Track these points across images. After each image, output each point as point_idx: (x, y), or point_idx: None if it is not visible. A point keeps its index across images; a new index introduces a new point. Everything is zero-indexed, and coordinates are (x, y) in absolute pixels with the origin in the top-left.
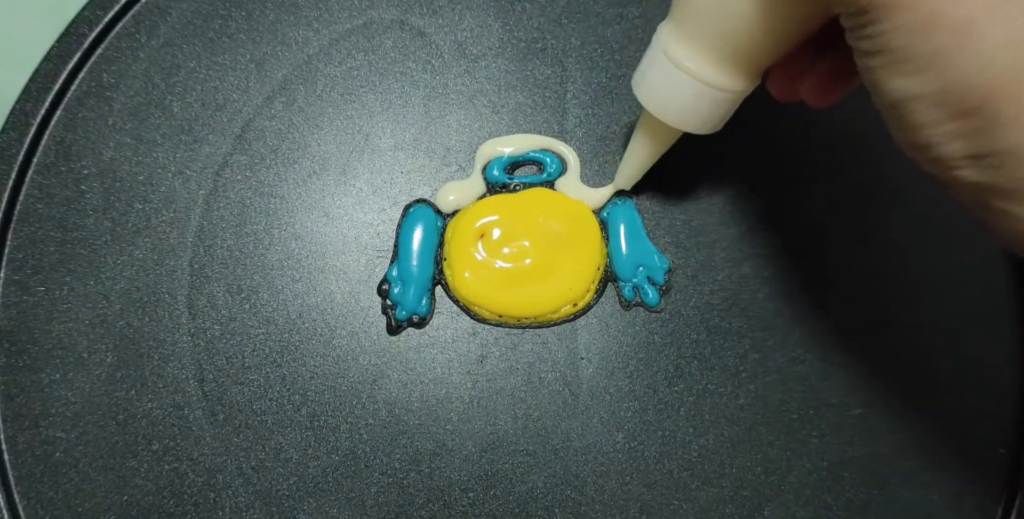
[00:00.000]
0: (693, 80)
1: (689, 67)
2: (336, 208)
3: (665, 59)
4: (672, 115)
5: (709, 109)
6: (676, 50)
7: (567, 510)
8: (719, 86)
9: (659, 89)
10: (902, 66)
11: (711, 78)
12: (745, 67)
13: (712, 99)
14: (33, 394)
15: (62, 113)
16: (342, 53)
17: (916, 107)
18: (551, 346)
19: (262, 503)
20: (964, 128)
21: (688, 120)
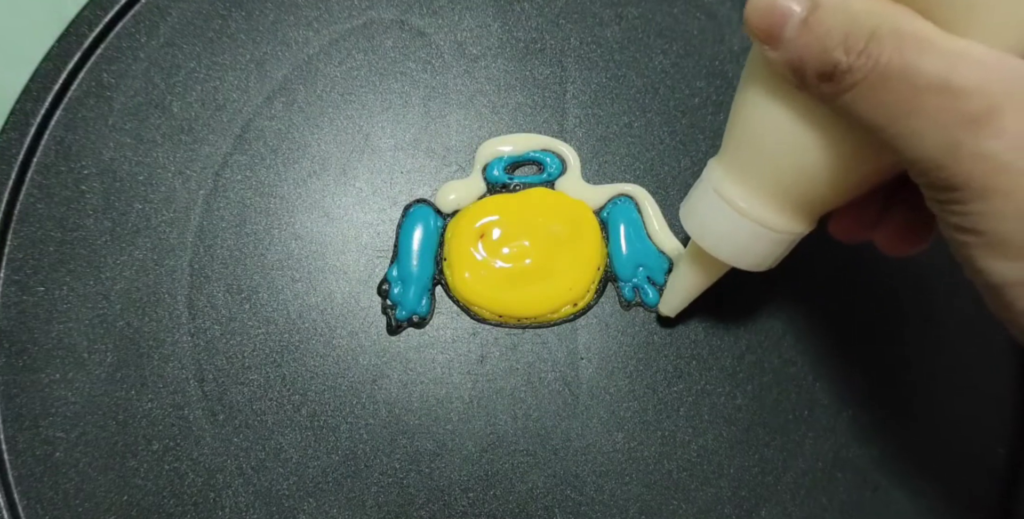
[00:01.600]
0: (749, 221)
1: (743, 207)
2: (336, 208)
3: (717, 197)
4: (726, 253)
5: (766, 249)
6: (729, 189)
7: (567, 510)
8: (775, 228)
9: (711, 226)
10: (1002, 249)
11: (767, 220)
12: (805, 211)
13: (769, 240)
14: (33, 394)
15: (62, 113)
16: (342, 53)
17: (1020, 292)
18: (551, 346)
19: (262, 503)
20: None
21: (743, 258)
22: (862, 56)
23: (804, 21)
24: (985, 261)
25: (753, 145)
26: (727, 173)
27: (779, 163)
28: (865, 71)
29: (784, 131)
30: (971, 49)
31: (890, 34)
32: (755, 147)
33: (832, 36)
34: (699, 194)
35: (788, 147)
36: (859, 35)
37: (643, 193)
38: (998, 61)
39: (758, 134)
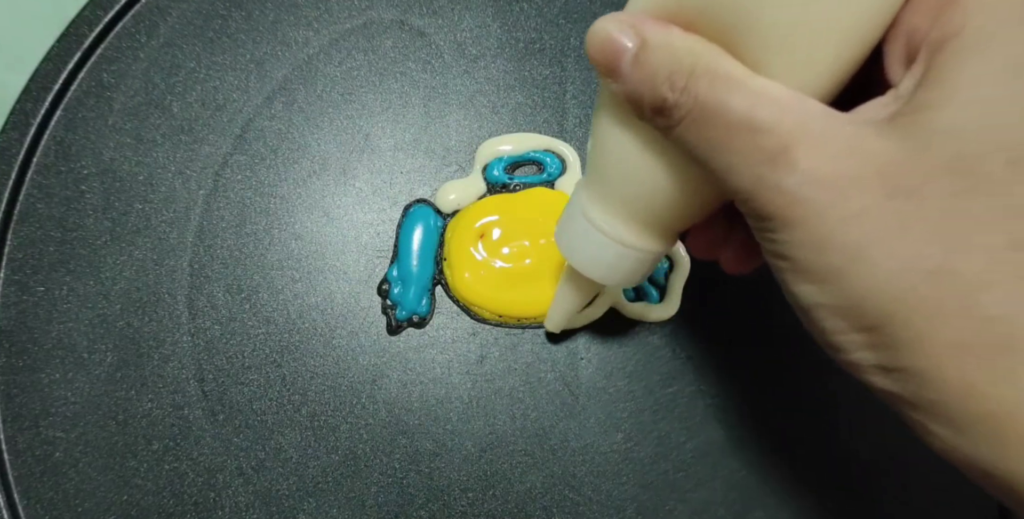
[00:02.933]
0: (612, 241)
1: (606, 229)
2: (336, 208)
3: (584, 219)
4: (598, 273)
5: (631, 267)
6: (593, 211)
7: (565, 510)
8: (636, 247)
9: (580, 247)
10: (804, 275)
11: (628, 240)
12: (660, 231)
13: (633, 259)
14: (33, 394)
15: (62, 113)
16: (342, 53)
17: (823, 314)
18: (551, 346)
19: (262, 503)
20: (869, 341)
21: (612, 277)
22: (684, 93)
23: (635, 57)
24: (794, 285)
25: (607, 170)
26: (590, 196)
27: (631, 187)
28: (687, 108)
29: (633, 157)
30: (771, 88)
31: (705, 72)
32: (609, 172)
33: (659, 73)
34: (568, 215)
35: (637, 172)
36: (681, 72)
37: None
38: (793, 100)
39: (611, 160)
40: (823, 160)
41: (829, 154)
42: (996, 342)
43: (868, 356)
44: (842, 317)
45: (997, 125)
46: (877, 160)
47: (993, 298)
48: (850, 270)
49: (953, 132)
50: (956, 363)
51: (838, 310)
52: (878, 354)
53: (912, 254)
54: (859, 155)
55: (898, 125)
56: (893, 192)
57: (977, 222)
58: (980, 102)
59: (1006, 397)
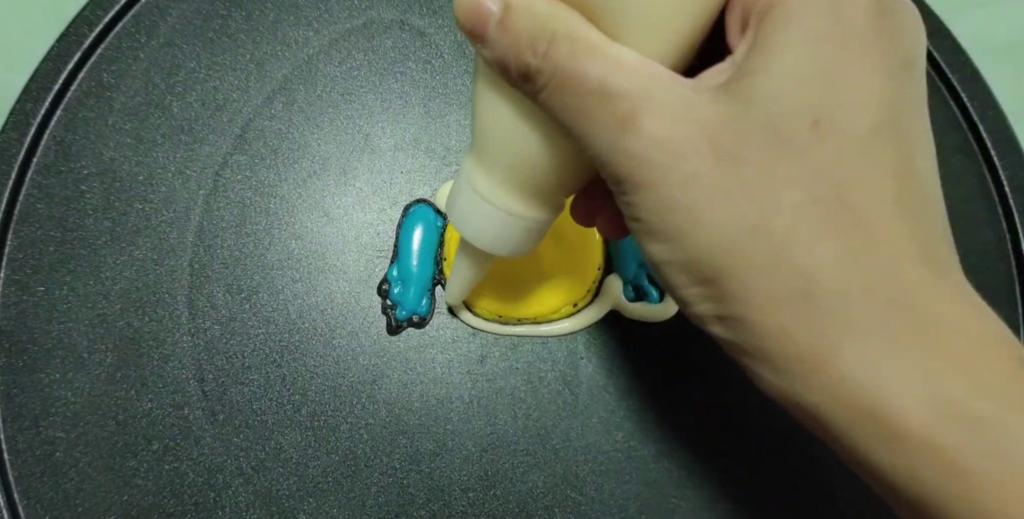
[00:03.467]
0: (498, 210)
1: (491, 198)
2: (336, 208)
3: (470, 188)
4: (486, 242)
5: (519, 236)
6: (478, 181)
7: (566, 509)
8: (520, 215)
9: (469, 217)
10: (652, 235)
11: (512, 208)
12: (542, 199)
13: (519, 227)
14: (33, 394)
15: (62, 113)
16: (342, 53)
17: (670, 270)
18: (551, 346)
19: (262, 503)
20: (707, 293)
21: (501, 246)
22: (545, 59)
23: (500, 22)
24: (645, 245)
25: (487, 137)
26: (475, 165)
27: (510, 154)
28: (548, 74)
29: (509, 124)
30: (625, 55)
31: (565, 38)
32: (489, 139)
33: (522, 38)
34: (456, 186)
35: (514, 140)
36: (542, 38)
37: None
38: (643, 66)
39: (490, 127)
40: (664, 124)
41: (669, 119)
42: (799, 290)
43: (708, 308)
44: (685, 273)
45: (802, 90)
46: (708, 125)
47: (798, 250)
48: (688, 230)
49: (768, 97)
50: (772, 311)
51: (682, 266)
52: (715, 306)
53: (735, 214)
54: (694, 120)
55: (728, 90)
56: (719, 155)
57: (784, 182)
58: (789, 68)
59: (807, 340)
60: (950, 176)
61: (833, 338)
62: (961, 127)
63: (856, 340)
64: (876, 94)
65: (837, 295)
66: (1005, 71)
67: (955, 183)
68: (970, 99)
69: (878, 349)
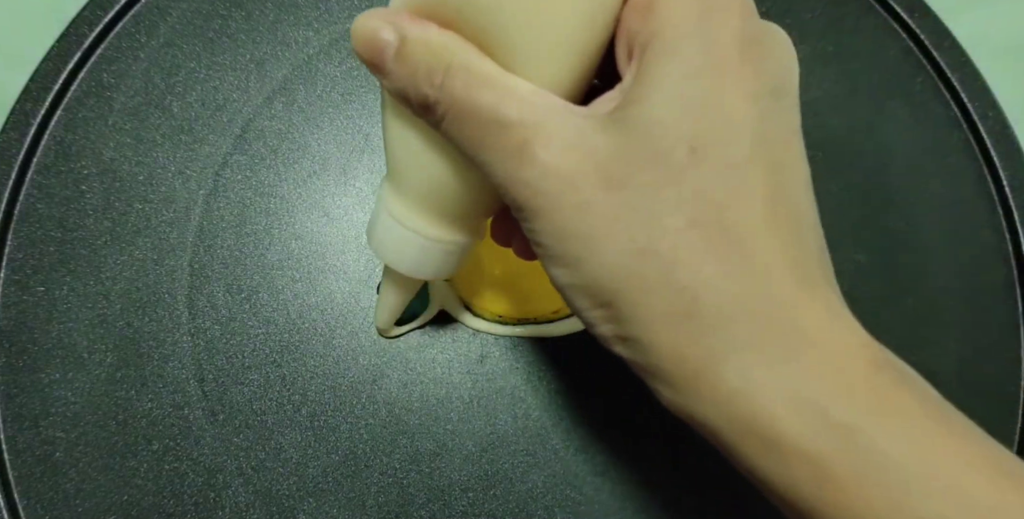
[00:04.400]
0: (415, 235)
1: (407, 223)
2: (336, 208)
3: (386, 214)
4: (406, 267)
5: (439, 259)
6: (395, 206)
7: (567, 509)
8: (437, 239)
9: (387, 242)
10: (553, 260)
11: (429, 232)
12: (457, 223)
13: (437, 251)
14: (33, 394)
15: (62, 113)
16: (342, 53)
17: (572, 294)
18: (551, 346)
19: (262, 503)
20: (606, 315)
21: (422, 270)
22: (443, 90)
23: (397, 53)
24: (549, 269)
25: (398, 164)
26: (390, 191)
27: (420, 180)
28: (446, 104)
29: (416, 150)
30: (518, 85)
31: (460, 69)
32: (400, 165)
33: (419, 69)
34: (374, 213)
35: (422, 165)
36: (438, 70)
37: None
38: (535, 96)
39: (398, 154)
40: (555, 153)
41: (560, 148)
42: (685, 310)
43: (608, 329)
44: (586, 296)
45: (680, 118)
46: (597, 153)
47: (682, 272)
48: (584, 255)
49: (650, 125)
50: (663, 331)
51: (582, 290)
52: (614, 327)
53: (625, 239)
54: (584, 148)
55: (616, 119)
56: (609, 183)
57: (667, 206)
58: (669, 98)
59: (694, 357)
60: (950, 176)
61: (716, 354)
62: (961, 127)
63: (735, 354)
64: (747, 122)
65: (717, 313)
66: (1005, 71)
67: (955, 183)
68: (970, 99)
69: (753, 362)
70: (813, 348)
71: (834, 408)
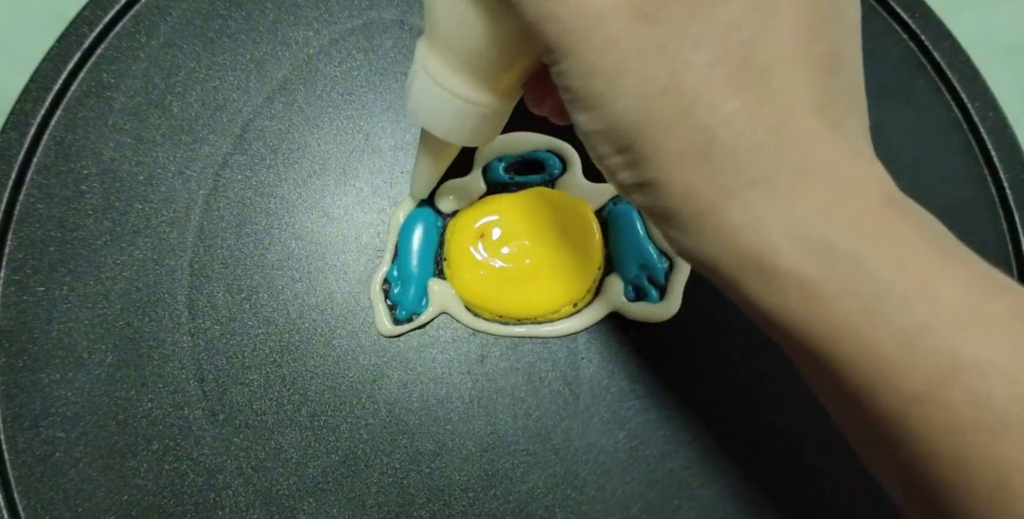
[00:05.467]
0: (451, 96)
1: (445, 83)
2: (336, 208)
3: (424, 74)
4: (442, 129)
5: (474, 123)
6: (432, 66)
7: (568, 509)
8: (475, 101)
9: (424, 104)
10: (579, 103)
11: (466, 94)
12: (494, 84)
13: (472, 114)
14: (33, 394)
15: (62, 113)
16: (342, 53)
17: (594, 140)
18: (551, 346)
19: (262, 503)
20: (626, 161)
21: (457, 133)
22: None
23: None
24: (574, 115)
25: (436, 18)
26: (428, 49)
27: (456, 33)
28: None
29: (459, 4)
30: None
31: None
32: (437, 20)
33: None
34: (412, 73)
35: (464, 20)
36: None
37: None
38: None
39: (436, 8)
40: None
41: None
42: (702, 149)
43: (627, 175)
44: (608, 141)
45: None
46: None
47: (702, 110)
48: (609, 95)
49: None
50: (679, 170)
51: (604, 135)
52: (632, 172)
53: (649, 76)
54: None
55: None
56: (637, 18)
57: (695, 42)
58: None
59: (705, 195)
60: (950, 176)
61: (725, 191)
62: (961, 128)
63: (743, 190)
64: None
65: (730, 151)
66: (1005, 71)
67: (955, 183)
68: (970, 100)
69: (759, 196)
70: (823, 182)
71: (835, 237)
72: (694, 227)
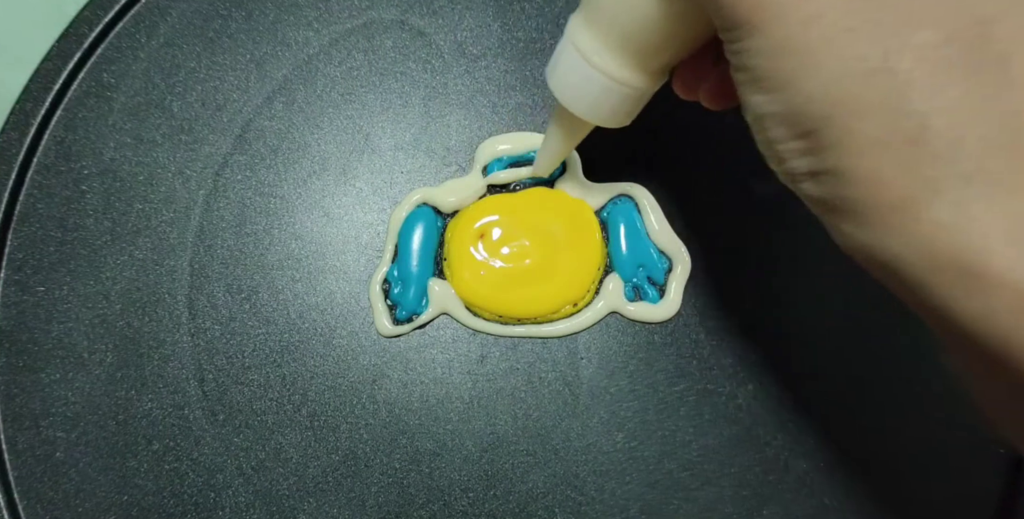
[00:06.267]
0: (599, 74)
1: (595, 61)
2: (336, 208)
3: (574, 51)
4: (581, 107)
5: (616, 103)
6: (584, 43)
7: (567, 510)
8: (623, 82)
9: (568, 80)
10: (759, 84)
11: (616, 73)
12: (648, 65)
13: (618, 94)
14: (33, 394)
15: (62, 113)
16: (342, 53)
17: (769, 124)
18: (551, 346)
19: (262, 503)
20: (805, 147)
21: (596, 113)
22: None
23: None
24: (748, 96)
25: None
26: (582, 26)
27: (620, 12)
28: None
29: None
30: None
31: None
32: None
33: None
34: (559, 49)
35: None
36: None
37: (643, 193)
38: None
39: None
40: None
41: None
42: (909, 136)
43: (802, 163)
44: (785, 125)
45: None
46: None
47: (917, 95)
48: (800, 75)
49: None
50: (871, 157)
51: (783, 118)
52: (810, 160)
53: (855, 56)
54: None
55: None
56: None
57: (920, 19)
58: None
59: (902, 186)
60: None
61: (932, 184)
62: None
63: (955, 186)
64: None
65: (946, 140)
66: None
67: None
68: None
69: (976, 195)
70: None
71: None
72: (880, 222)
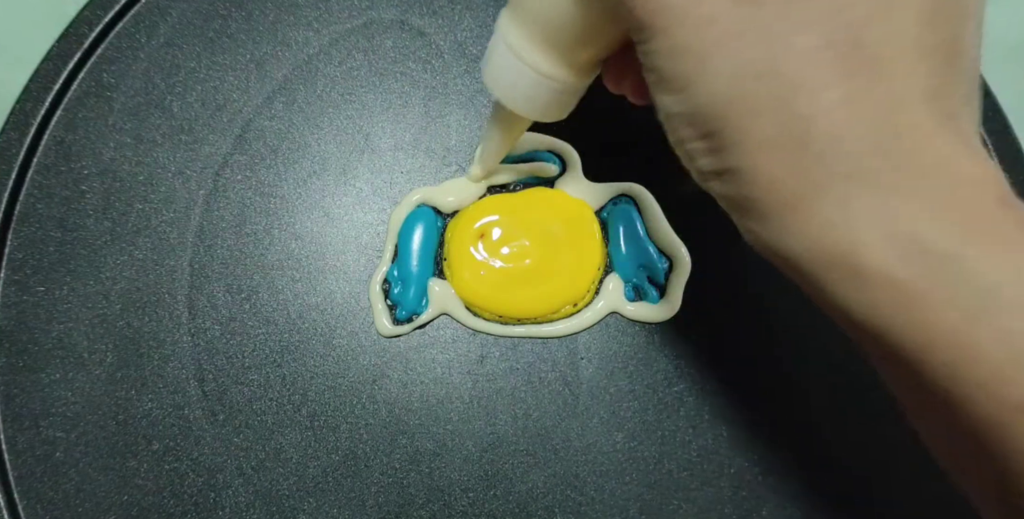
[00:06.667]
0: (529, 69)
1: (524, 56)
2: (336, 208)
3: (504, 46)
4: (516, 103)
5: (548, 98)
6: (513, 38)
7: (567, 510)
8: (551, 76)
9: (500, 75)
10: (665, 84)
11: (544, 68)
12: (574, 60)
13: (548, 88)
14: (33, 394)
15: (62, 113)
16: (342, 53)
17: (677, 123)
18: (551, 346)
19: (262, 503)
20: (708, 146)
21: (531, 108)
22: None
23: None
24: (657, 96)
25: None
26: (511, 21)
27: (543, 9)
28: None
29: None
30: None
31: None
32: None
33: None
34: (492, 44)
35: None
36: None
37: (643, 193)
38: None
39: None
40: None
41: None
42: (796, 137)
43: (708, 162)
44: (690, 125)
45: None
46: None
47: (802, 97)
48: (697, 77)
49: None
50: (765, 159)
51: (688, 118)
52: (714, 158)
53: (744, 59)
54: None
55: None
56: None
57: (800, 24)
58: None
59: (793, 187)
60: None
61: (817, 183)
62: None
63: (837, 185)
64: None
65: (830, 141)
66: (1007, 72)
67: None
68: None
69: (856, 193)
70: (931, 179)
71: (937, 239)
72: (777, 220)
